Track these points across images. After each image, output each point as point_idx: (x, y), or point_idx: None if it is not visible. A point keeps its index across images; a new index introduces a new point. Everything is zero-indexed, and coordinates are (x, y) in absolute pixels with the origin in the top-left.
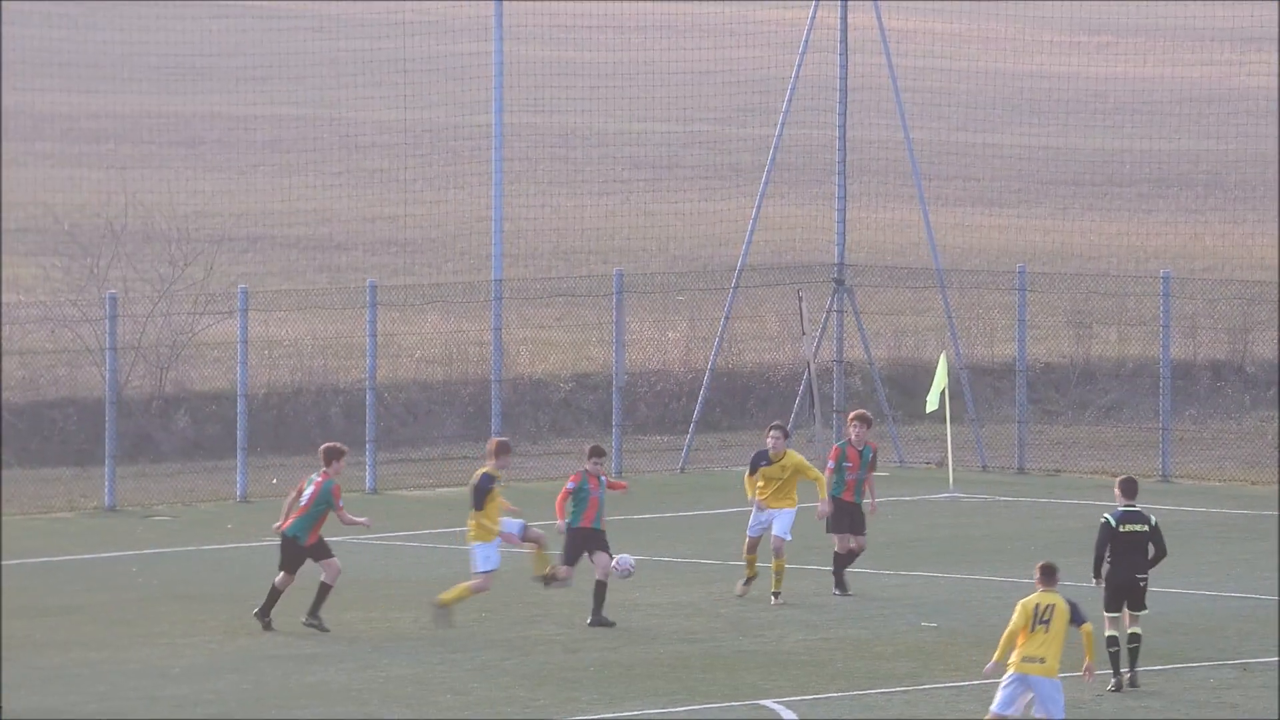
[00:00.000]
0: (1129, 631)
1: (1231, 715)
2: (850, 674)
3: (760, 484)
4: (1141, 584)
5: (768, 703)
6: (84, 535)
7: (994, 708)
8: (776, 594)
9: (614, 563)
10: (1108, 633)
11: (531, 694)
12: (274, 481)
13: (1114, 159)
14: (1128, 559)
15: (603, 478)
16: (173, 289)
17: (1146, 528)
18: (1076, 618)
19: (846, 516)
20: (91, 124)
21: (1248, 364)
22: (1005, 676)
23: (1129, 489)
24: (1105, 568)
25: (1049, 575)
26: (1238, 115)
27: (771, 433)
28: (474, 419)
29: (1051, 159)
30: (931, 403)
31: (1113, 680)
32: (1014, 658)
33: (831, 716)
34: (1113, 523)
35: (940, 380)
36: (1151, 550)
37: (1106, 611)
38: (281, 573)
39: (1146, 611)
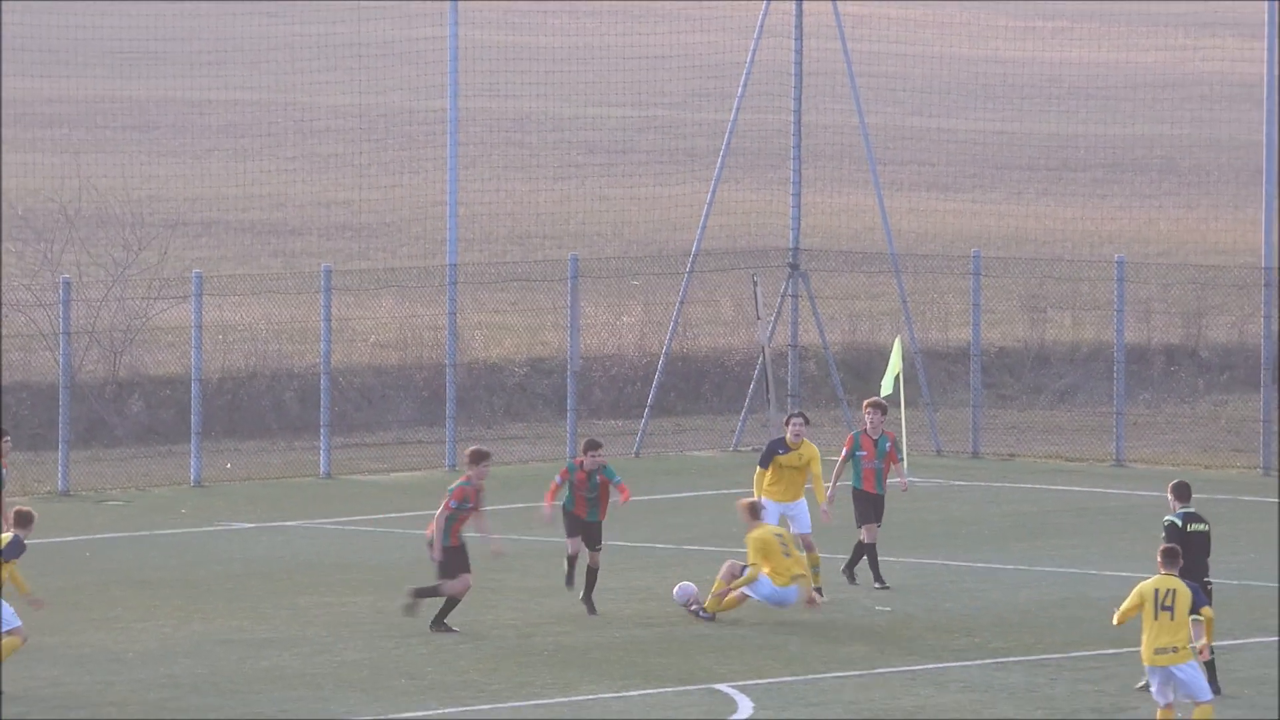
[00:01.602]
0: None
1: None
2: (805, 658)
3: (770, 477)
4: (1209, 585)
5: (722, 687)
6: (38, 520)
7: (1156, 698)
8: (819, 589)
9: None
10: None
11: (486, 678)
12: (228, 466)
13: (1069, 144)
14: (1194, 560)
15: (596, 476)
16: (127, 274)
17: (1207, 527)
18: (1197, 604)
19: (870, 506)
20: (46, 109)
21: (1201, 348)
22: (1146, 670)
23: (1183, 492)
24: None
25: (1171, 559)
26: (1191, 100)
27: (793, 421)
28: (428, 404)
29: (1006, 144)
30: (886, 387)
31: (1146, 680)
32: (1146, 649)
33: (786, 700)
34: (1180, 524)
35: (895, 365)
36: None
37: None
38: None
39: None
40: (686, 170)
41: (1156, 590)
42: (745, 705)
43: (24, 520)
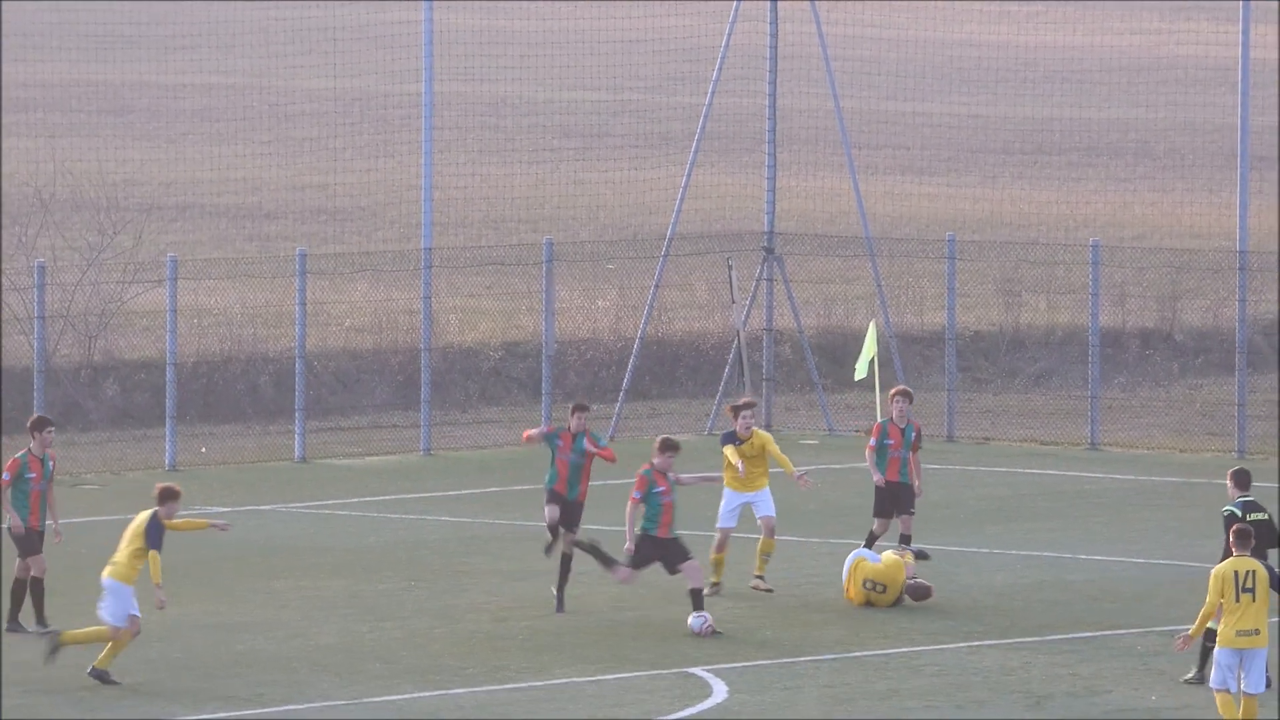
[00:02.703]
0: None
1: (1160, 680)
2: (779, 642)
3: (728, 468)
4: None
5: (697, 670)
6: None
7: (1217, 683)
8: (761, 578)
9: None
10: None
11: (460, 662)
12: (203, 450)
13: (1043, 127)
14: (1255, 550)
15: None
16: (101, 257)
17: (1267, 515)
18: (1276, 582)
19: (892, 498)
20: (20, 93)
21: (1176, 332)
22: (1219, 652)
23: (1243, 479)
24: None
25: (1244, 540)
26: (1166, 84)
27: (742, 415)
28: (403, 387)
29: (981, 127)
30: (860, 370)
31: (1195, 672)
32: (1226, 630)
33: (761, 684)
34: (1239, 514)
35: (869, 348)
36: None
37: None
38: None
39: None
40: (661, 154)
41: (1236, 572)
42: (720, 689)
43: (169, 496)
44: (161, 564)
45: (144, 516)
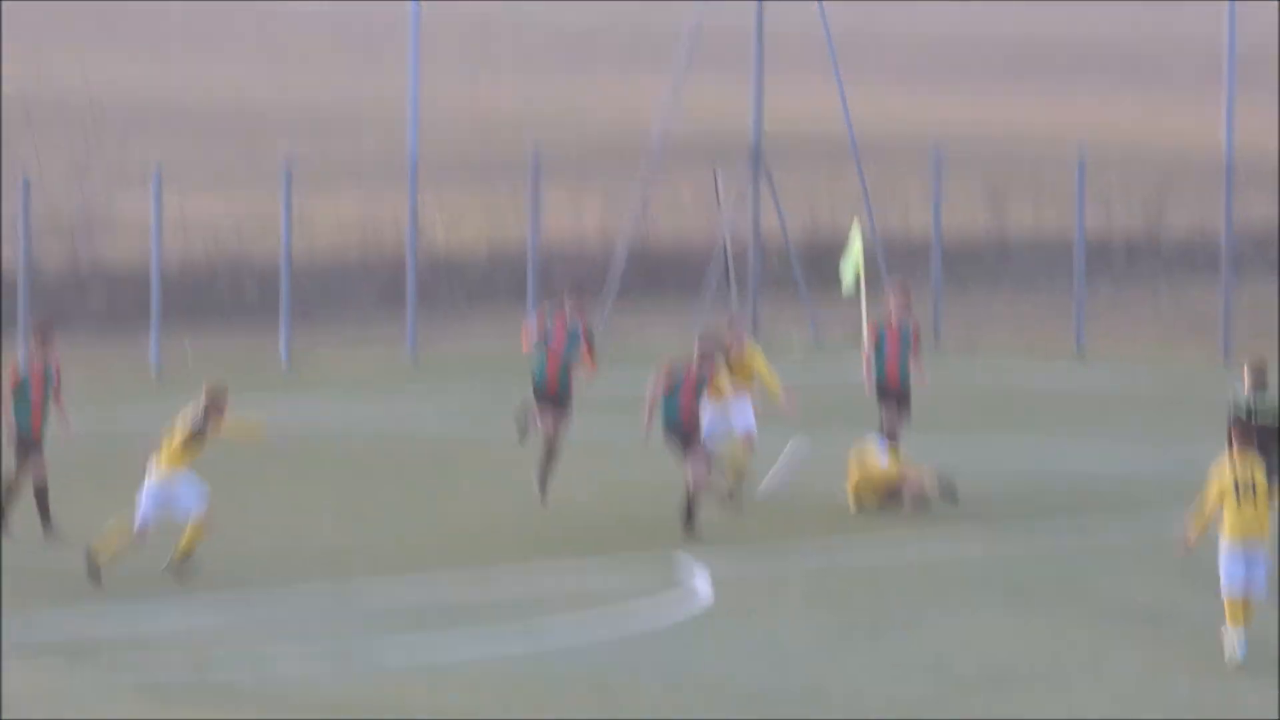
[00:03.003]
0: None
1: (1142, 574)
2: (765, 536)
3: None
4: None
5: (682, 565)
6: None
7: (1229, 589)
8: (732, 494)
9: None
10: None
11: (447, 559)
12: (188, 356)
13: (1033, 39)
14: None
15: (578, 328)
16: (88, 166)
17: (1275, 411)
18: (1274, 481)
19: (892, 399)
20: (6, 6)
21: (1162, 238)
22: (1227, 554)
23: (1258, 372)
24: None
25: (1248, 439)
26: None
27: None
28: (389, 293)
29: (971, 40)
30: (845, 277)
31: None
32: (1232, 532)
33: (745, 566)
34: (1245, 404)
35: (854, 254)
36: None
37: None
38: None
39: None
40: (649, 63)
41: (1236, 471)
42: (705, 583)
43: (217, 395)
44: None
45: (189, 413)
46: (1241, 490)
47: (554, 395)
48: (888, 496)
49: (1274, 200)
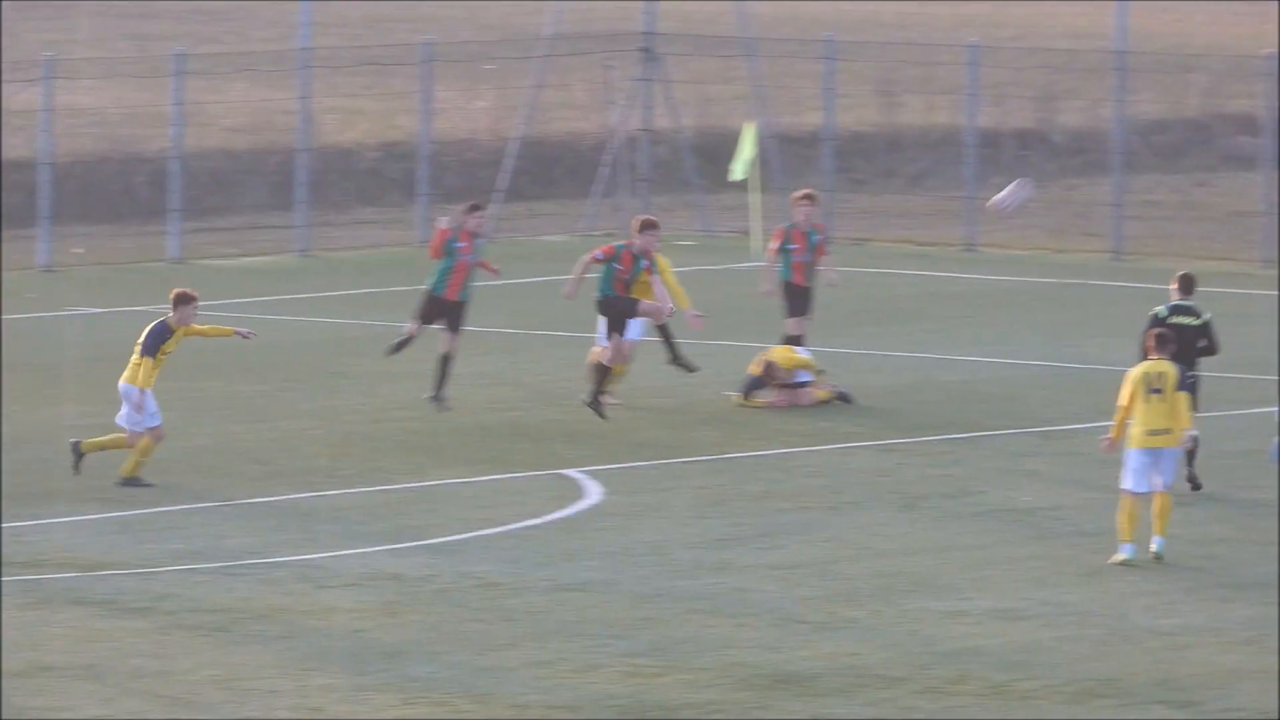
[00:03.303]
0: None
1: (1032, 480)
2: (655, 444)
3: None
4: (1190, 380)
5: (571, 472)
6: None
7: (1127, 485)
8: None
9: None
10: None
11: (335, 463)
12: (79, 251)
13: None
14: (1180, 352)
15: (481, 242)
16: None
17: (1196, 320)
18: (1181, 385)
19: (801, 299)
20: None
21: (1053, 132)
22: (1129, 453)
23: (1186, 284)
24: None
25: (1163, 344)
26: None
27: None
28: (280, 188)
29: None
30: (737, 171)
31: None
32: (1136, 432)
33: (635, 485)
34: (1163, 316)
35: (747, 149)
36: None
37: None
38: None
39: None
40: None
41: (1146, 374)
42: (594, 490)
43: (181, 300)
44: (154, 369)
45: (152, 323)
46: (1151, 390)
47: (453, 304)
48: (772, 389)
49: (1163, 95)
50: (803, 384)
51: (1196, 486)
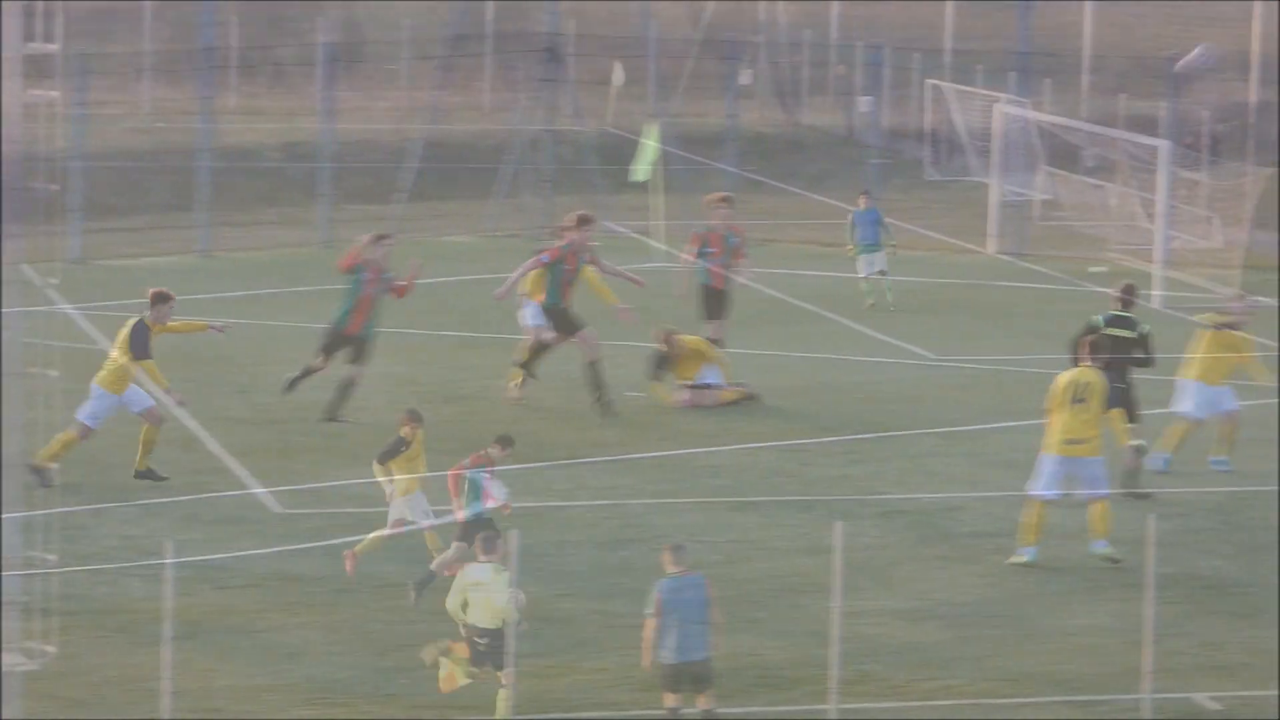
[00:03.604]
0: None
1: (931, 480)
2: (555, 444)
3: (533, 282)
4: (1119, 390)
5: (473, 473)
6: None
7: (1037, 489)
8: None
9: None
10: None
11: (236, 464)
12: None
13: None
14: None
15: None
16: None
17: (1133, 334)
18: (1111, 401)
19: (717, 303)
20: None
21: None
22: (1043, 458)
23: (1127, 296)
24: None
25: (1095, 351)
26: None
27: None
28: (182, 189)
29: None
30: (641, 172)
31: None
32: (1054, 440)
33: (541, 484)
34: (1099, 323)
35: (649, 150)
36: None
37: None
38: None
39: (1137, 425)
40: None
41: (1073, 382)
42: (497, 490)
43: (159, 299)
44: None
45: (130, 324)
46: (1075, 399)
47: (355, 338)
48: (680, 385)
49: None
50: (709, 386)
51: (1142, 496)
